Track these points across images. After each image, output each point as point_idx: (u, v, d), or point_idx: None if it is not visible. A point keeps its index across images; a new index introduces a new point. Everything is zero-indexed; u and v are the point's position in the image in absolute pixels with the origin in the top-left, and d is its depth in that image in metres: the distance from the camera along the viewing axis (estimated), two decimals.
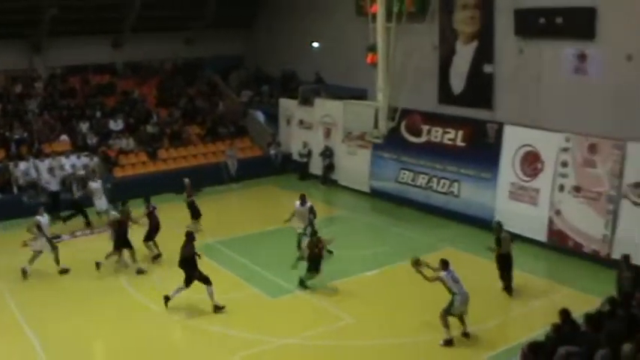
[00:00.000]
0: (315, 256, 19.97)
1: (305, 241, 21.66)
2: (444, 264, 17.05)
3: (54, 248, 22.23)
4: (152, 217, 23.44)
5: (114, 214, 22.85)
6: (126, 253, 22.30)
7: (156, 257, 23.06)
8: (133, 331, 18.08)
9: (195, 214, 25.83)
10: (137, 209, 24.03)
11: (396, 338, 17.29)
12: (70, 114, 33.97)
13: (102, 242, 23.58)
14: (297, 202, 23.09)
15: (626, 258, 17.07)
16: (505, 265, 20.06)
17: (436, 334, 17.17)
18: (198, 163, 33.69)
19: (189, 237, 19.47)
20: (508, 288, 20.11)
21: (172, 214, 25.45)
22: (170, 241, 23.26)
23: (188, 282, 19.08)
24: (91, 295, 20.60)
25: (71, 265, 22.44)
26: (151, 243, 23.23)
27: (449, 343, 16.73)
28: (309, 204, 23.16)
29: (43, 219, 22.35)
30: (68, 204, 27.58)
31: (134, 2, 34.84)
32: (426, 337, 17.21)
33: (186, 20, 38.96)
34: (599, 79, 23.20)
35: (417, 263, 17.45)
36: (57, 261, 22.20)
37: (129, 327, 18.35)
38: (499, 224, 20.36)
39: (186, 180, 26.12)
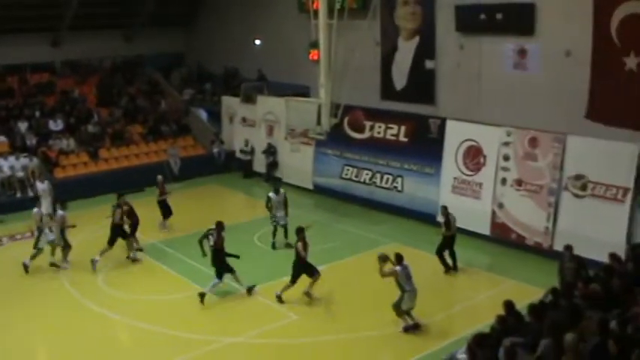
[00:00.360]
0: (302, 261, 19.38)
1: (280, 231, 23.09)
2: (399, 258, 17.12)
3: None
4: (132, 214, 23.33)
5: (61, 213, 22.27)
6: (61, 251, 22.26)
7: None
8: (76, 334, 17.78)
9: (167, 213, 25.62)
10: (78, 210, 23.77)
11: (341, 334, 17.32)
12: (9, 114, 33.25)
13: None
14: (272, 194, 23.60)
15: (568, 249, 17.30)
16: (451, 246, 21.29)
17: (381, 329, 17.34)
18: (141, 163, 33.28)
19: (219, 227, 19.59)
20: (454, 267, 21.22)
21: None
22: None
23: (219, 276, 19.52)
24: (32, 297, 20.25)
25: (12, 268, 22.05)
26: (132, 239, 23.18)
27: (409, 328, 17.10)
28: (282, 192, 23.87)
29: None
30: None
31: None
32: (371, 332, 17.30)
33: (125, 17, 38.56)
34: (538, 74, 23.54)
35: (383, 260, 17.28)
36: (33, 258, 21.97)
37: (72, 330, 18.04)
38: (445, 208, 21.36)
39: (159, 177, 26.01)
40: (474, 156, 23.89)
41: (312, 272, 19.27)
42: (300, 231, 19.58)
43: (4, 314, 19.05)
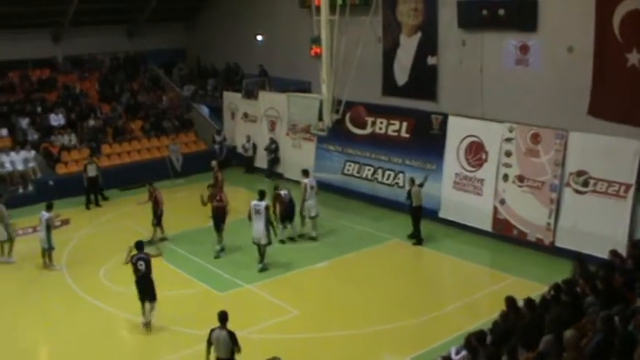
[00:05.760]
0: None
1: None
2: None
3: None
4: (156, 199, 23.94)
5: (47, 215, 21.88)
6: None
7: (162, 239, 23.81)
8: (78, 329, 17.84)
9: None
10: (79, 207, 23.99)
11: (341, 330, 17.36)
12: (10, 109, 33.22)
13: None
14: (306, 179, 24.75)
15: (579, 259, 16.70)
16: (416, 217, 23.12)
17: (381, 325, 17.42)
18: (142, 159, 33.31)
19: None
20: (418, 239, 23.11)
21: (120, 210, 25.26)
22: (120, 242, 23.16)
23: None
24: (32, 290, 20.44)
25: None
26: (158, 227, 23.92)
27: None
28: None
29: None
30: None
31: None
32: (371, 329, 17.36)
33: (127, 12, 38.44)
34: (540, 70, 23.50)
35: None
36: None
37: (74, 325, 18.11)
38: (412, 179, 23.73)
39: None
40: (475, 152, 23.87)
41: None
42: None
43: (4, 306, 19.09)
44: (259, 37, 36.39)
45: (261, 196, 21.58)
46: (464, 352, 12.03)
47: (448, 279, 21.51)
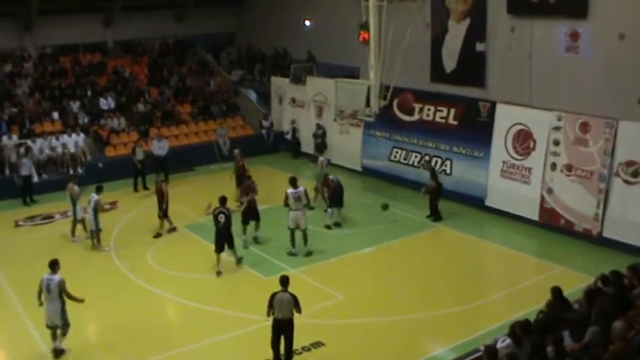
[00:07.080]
0: None
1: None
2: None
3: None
4: (161, 192, 23.64)
5: (96, 197, 22.25)
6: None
7: (171, 230, 23.79)
8: (124, 309, 18.19)
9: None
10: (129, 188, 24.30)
11: (386, 316, 17.36)
12: (62, 93, 33.77)
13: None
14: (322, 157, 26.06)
15: None
16: (437, 195, 24.24)
17: (426, 312, 17.43)
18: (190, 143, 33.64)
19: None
20: (437, 216, 24.23)
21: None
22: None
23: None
24: (83, 271, 20.63)
25: (60, 243, 22.90)
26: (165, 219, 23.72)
27: None
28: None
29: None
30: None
31: None
32: (416, 315, 17.37)
33: None
34: (591, 58, 23.19)
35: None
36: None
37: (120, 304, 18.47)
38: (429, 161, 25.80)
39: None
40: (523, 140, 23.67)
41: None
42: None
43: None
44: (307, 23, 36.43)
45: (294, 183, 21.55)
46: (508, 341, 11.99)
47: (493, 267, 21.42)
